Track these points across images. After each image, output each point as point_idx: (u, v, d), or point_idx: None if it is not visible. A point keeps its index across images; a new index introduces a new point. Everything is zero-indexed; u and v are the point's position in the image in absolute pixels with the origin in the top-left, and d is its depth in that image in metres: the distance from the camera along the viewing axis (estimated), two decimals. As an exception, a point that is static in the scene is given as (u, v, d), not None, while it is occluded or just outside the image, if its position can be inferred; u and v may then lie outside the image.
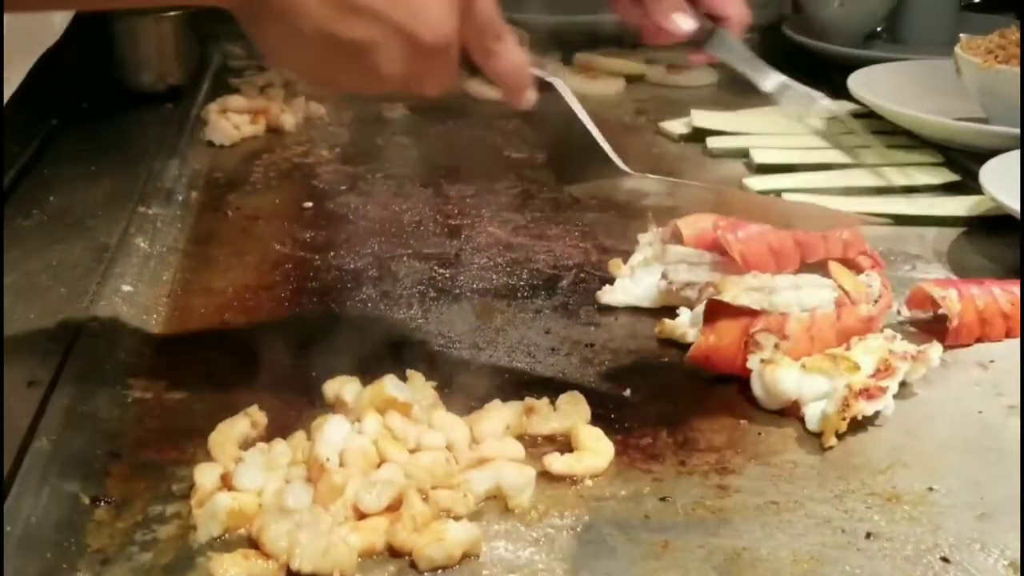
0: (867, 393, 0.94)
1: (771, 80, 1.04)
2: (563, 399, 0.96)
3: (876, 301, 1.05)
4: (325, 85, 0.87)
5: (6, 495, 0.81)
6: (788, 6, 2.36)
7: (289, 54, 0.81)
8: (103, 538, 0.81)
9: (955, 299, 1.08)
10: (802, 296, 1.04)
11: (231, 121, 1.69)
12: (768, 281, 1.05)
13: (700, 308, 1.09)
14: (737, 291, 1.06)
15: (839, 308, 1.03)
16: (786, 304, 1.03)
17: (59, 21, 0.91)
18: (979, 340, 1.08)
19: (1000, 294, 1.09)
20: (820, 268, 1.10)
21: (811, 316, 1.02)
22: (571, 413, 0.95)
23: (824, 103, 1.04)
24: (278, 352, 1.07)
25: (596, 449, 0.90)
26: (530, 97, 0.93)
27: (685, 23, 1.07)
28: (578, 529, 0.82)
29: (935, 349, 0.99)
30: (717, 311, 1.01)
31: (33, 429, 0.90)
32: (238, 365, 1.05)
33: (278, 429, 0.93)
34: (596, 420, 0.95)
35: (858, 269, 1.10)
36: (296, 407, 0.97)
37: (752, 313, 1.01)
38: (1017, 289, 1.10)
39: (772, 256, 1.11)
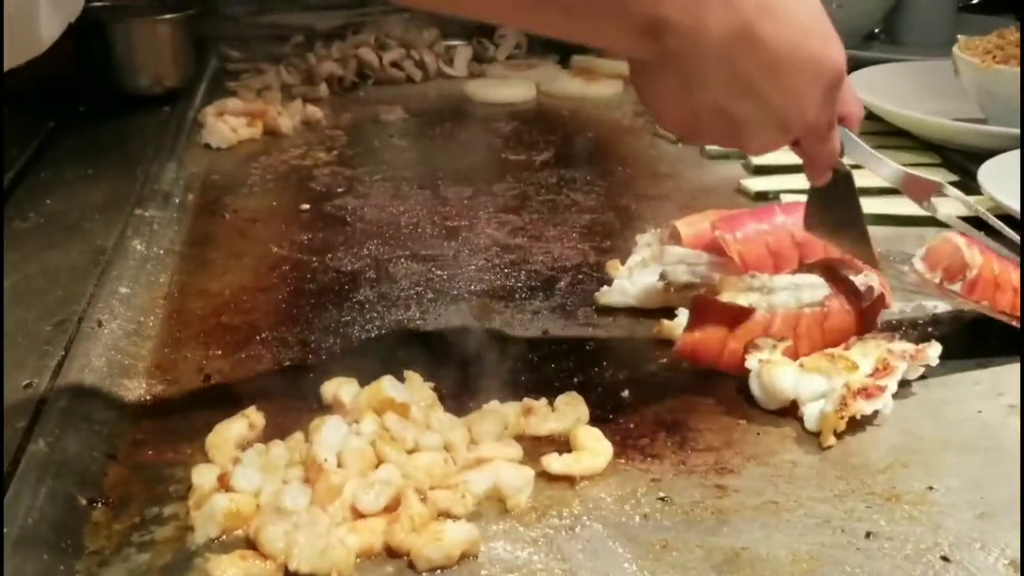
0: (865, 392, 0.94)
1: (889, 169, 1.05)
2: (561, 400, 0.96)
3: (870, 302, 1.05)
4: (688, 137, 0.95)
5: (3, 496, 0.81)
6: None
7: (673, 110, 0.87)
8: (100, 539, 0.81)
9: (977, 252, 1.08)
10: (800, 296, 1.04)
11: (228, 124, 1.69)
12: (767, 281, 1.05)
13: (696, 307, 1.09)
14: (735, 291, 1.06)
15: (827, 307, 1.03)
16: (784, 304, 1.03)
17: (45, 34, 0.90)
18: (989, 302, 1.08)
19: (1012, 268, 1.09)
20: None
21: (798, 315, 1.01)
22: (569, 414, 0.94)
23: (951, 191, 1.06)
24: (276, 354, 1.07)
25: (595, 449, 0.90)
26: (826, 179, 1.00)
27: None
28: (576, 529, 0.82)
29: (934, 348, 0.99)
30: (704, 307, 1.01)
31: (30, 431, 0.90)
32: (235, 367, 1.05)
33: (276, 430, 0.93)
34: (595, 421, 0.94)
35: (856, 269, 1.10)
36: (294, 408, 0.97)
37: (739, 310, 1.01)
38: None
39: (770, 256, 1.11)
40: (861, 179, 1.48)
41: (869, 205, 1.39)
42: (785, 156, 1.54)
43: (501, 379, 1.02)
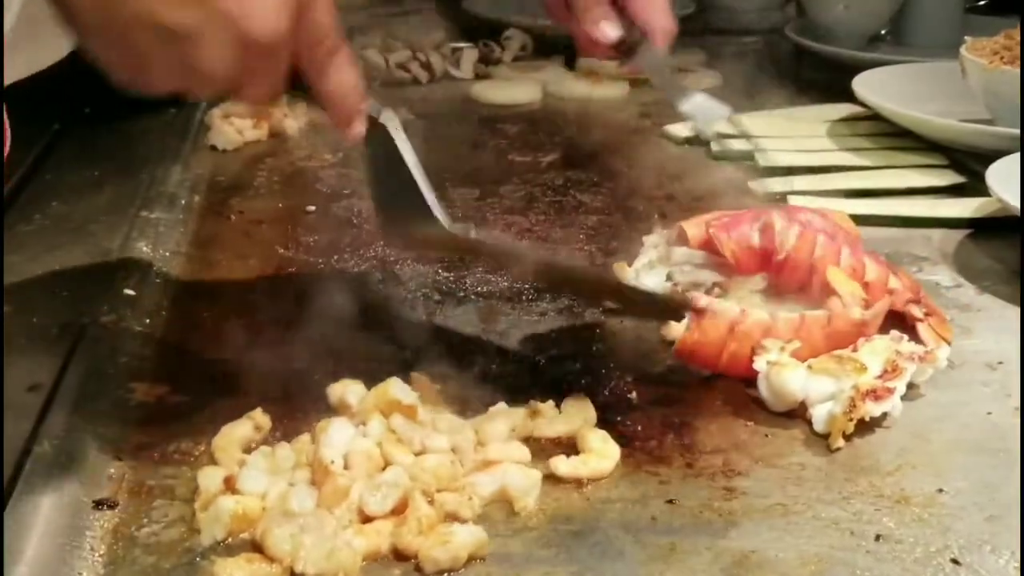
0: (874, 394, 0.93)
1: (687, 100, 1.04)
2: (568, 402, 0.95)
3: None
4: (136, 81, 0.75)
5: (7, 500, 0.81)
6: (792, 9, 2.37)
7: (101, 39, 0.73)
8: (106, 542, 0.80)
9: (793, 235, 1.09)
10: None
11: (234, 126, 1.68)
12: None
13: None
14: (744, 292, 1.06)
15: (831, 312, 1.02)
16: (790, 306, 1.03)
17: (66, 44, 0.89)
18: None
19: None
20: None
21: (801, 319, 1.01)
22: (576, 416, 0.94)
23: (725, 112, 1.04)
24: (282, 355, 1.06)
25: (602, 452, 0.89)
26: (359, 129, 0.87)
27: (612, 30, 1.06)
28: (584, 532, 0.82)
29: (943, 350, 0.99)
30: (703, 309, 1.01)
31: (35, 433, 0.90)
32: (241, 369, 1.04)
33: (282, 433, 0.93)
34: (602, 423, 0.94)
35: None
36: (301, 410, 0.96)
37: (739, 312, 1.00)
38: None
39: (766, 256, 1.11)
40: (867, 181, 1.49)
41: (873, 207, 1.40)
42: (793, 158, 1.57)
43: (508, 381, 1.02)
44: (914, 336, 1.04)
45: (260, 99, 0.79)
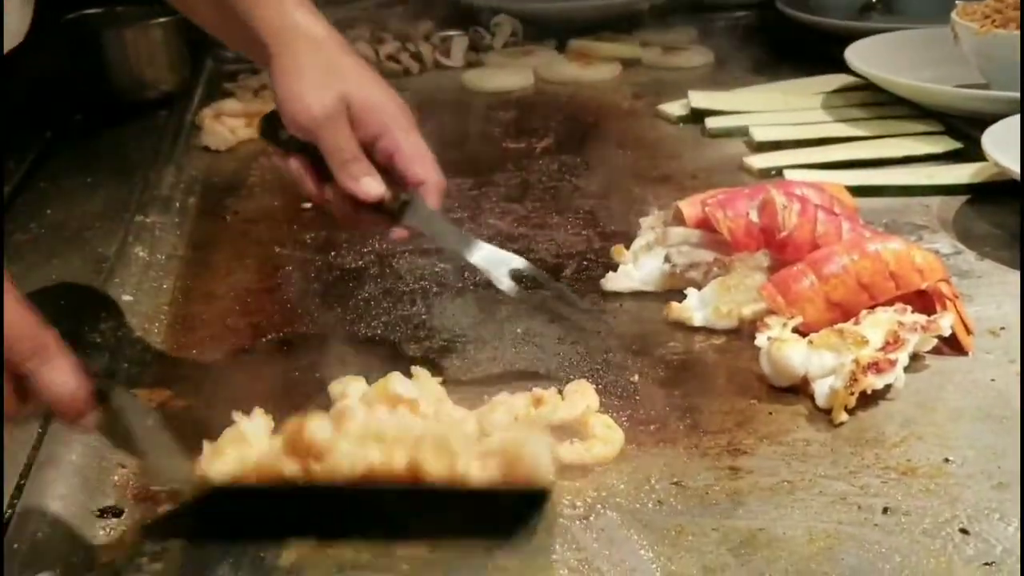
0: (876, 367, 0.93)
1: (476, 251, 0.99)
2: (570, 388, 0.95)
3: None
4: None
5: (13, 508, 0.81)
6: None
7: None
8: (112, 550, 0.80)
9: (795, 213, 1.08)
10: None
11: (226, 125, 1.68)
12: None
13: (707, 289, 1.08)
14: (747, 269, 1.05)
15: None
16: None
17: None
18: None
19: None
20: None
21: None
22: (579, 402, 0.93)
23: (517, 264, 0.99)
24: (283, 354, 1.06)
25: (606, 437, 0.89)
26: (88, 422, 0.79)
27: (375, 187, 0.97)
28: (591, 518, 0.81)
29: (945, 319, 0.98)
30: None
31: (39, 444, 0.90)
32: (242, 370, 1.04)
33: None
34: (605, 408, 0.94)
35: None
36: (303, 409, 0.96)
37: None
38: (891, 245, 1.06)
39: (761, 233, 1.10)
40: (862, 151, 1.49)
41: (869, 177, 1.39)
42: (787, 132, 1.56)
43: (510, 370, 1.02)
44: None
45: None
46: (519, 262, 1.00)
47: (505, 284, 0.99)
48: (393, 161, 0.99)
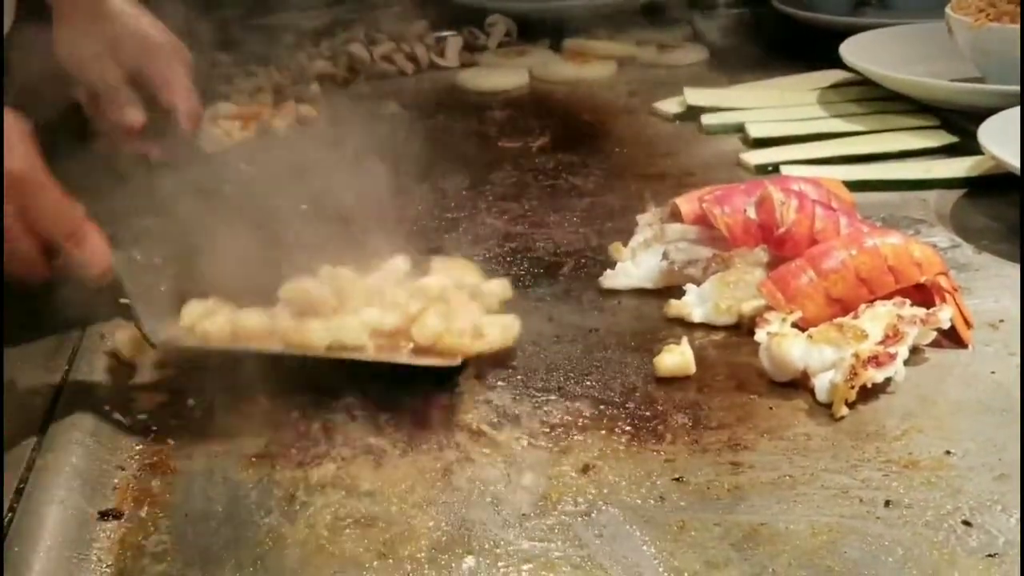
0: (875, 361, 0.93)
1: None
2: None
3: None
4: None
5: (13, 511, 0.81)
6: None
7: None
8: (114, 552, 0.80)
9: (793, 208, 1.08)
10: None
11: (221, 128, 1.67)
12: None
13: (706, 285, 1.08)
14: (746, 264, 1.05)
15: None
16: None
17: None
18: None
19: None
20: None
21: None
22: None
23: None
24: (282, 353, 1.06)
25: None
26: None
27: (137, 115, 1.11)
28: (592, 515, 0.81)
29: (944, 311, 0.98)
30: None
31: (37, 446, 0.90)
32: (243, 371, 1.04)
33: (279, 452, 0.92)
34: (605, 405, 0.94)
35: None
36: (299, 406, 0.96)
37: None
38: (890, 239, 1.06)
39: (758, 228, 1.10)
40: (858, 147, 1.49)
41: (866, 172, 1.39)
42: (783, 127, 1.56)
43: (508, 369, 1.01)
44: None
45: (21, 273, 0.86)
46: None
47: None
48: (154, 89, 1.13)
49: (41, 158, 0.85)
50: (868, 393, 0.93)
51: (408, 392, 0.96)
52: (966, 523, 0.78)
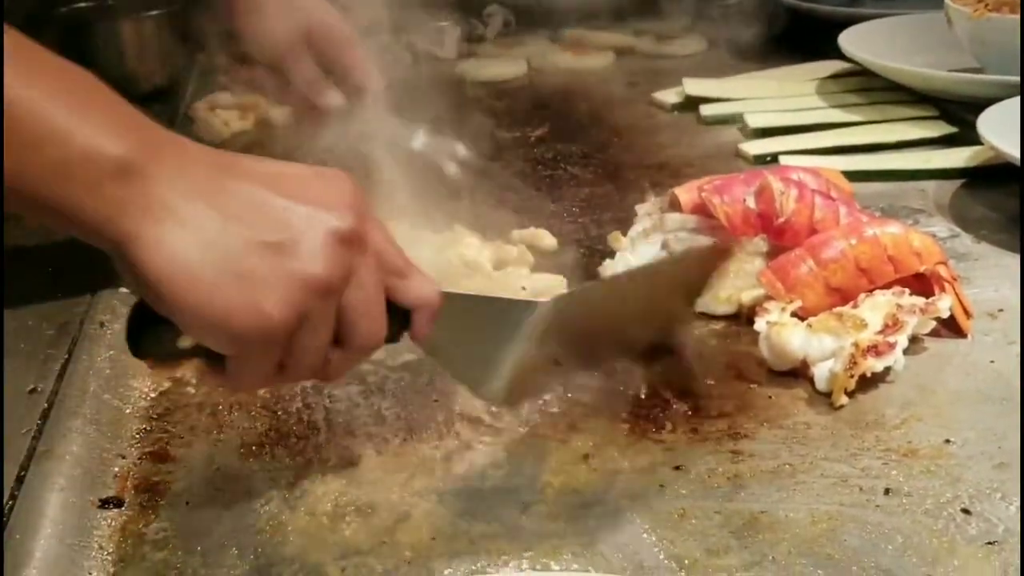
0: (875, 350, 0.93)
1: (418, 138, 1.22)
2: None
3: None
4: (250, 323, 0.64)
5: (14, 499, 0.81)
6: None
7: (205, 275, 0.63)
8: (115, 540, 0.80)
9: (792, 198, 1.08)
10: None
11: (220, 118, 1.67)
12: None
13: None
14: (747, 254, 1.05)
15: None
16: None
17: None
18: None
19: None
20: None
21: None
22: None
23: (461, 151, 1.23)
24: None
25: None
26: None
27: (335, 99, 1.21)
28: (592, 503, 0.81)
29: (944, 301, 0.98)
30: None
31: (38, 435, 0.90)
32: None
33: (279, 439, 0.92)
34: (604, 393, 0.94)
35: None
36: (300, 394, 0.96)
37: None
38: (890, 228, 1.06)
39: (758, 218, 1.10)
40: (857, 137, 1.49)
41: (864, 163, 1.39)
42: (782, 118, 1.56)
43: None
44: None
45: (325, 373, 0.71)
46: (462, 149, 1.19)
47: (450, 169, 1.19)
48: (344, 73, 1.22)
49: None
50: (868, 382, 0.93)
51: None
52: (965, 511, 0.78)
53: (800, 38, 1.92)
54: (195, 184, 0.64)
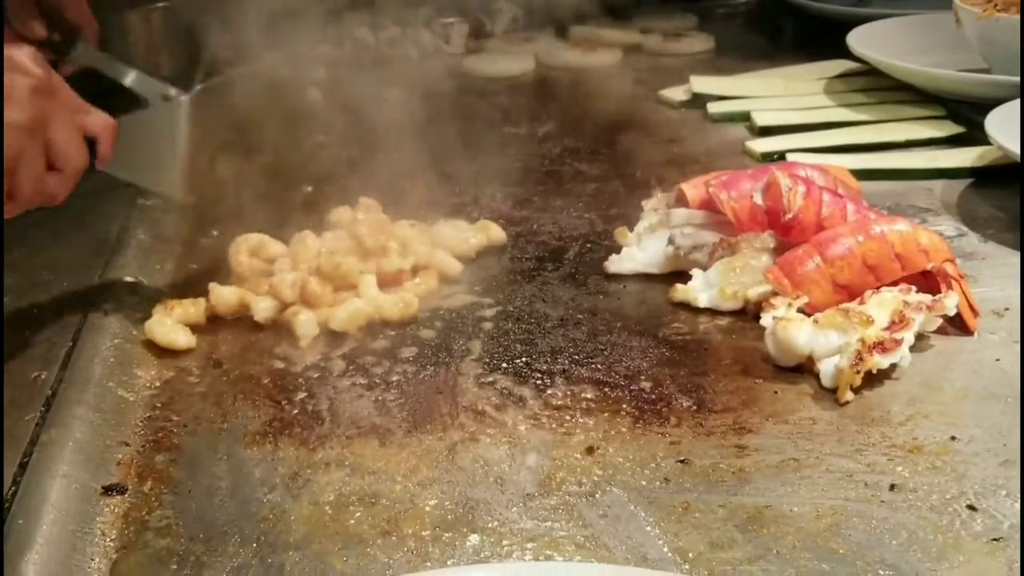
0: (881, 347, 0.93)
1: (129, 76, 1.28)
2: None
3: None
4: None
5: (17, 486, 0.81)
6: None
7: None
8: (117, 527, 0.80)
9: (800, 195, 1.08)
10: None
11: (227, 110, 1.67)
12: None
13: (712, 270, 1.08)
14: (753, 250, 1.05)
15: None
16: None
17: None
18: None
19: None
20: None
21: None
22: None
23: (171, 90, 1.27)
24: (284, 339, 1.06)
25: None
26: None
27: (36, 28, 1.23)
28: (597, 495, 0.81)
29: (951, 298, 0.98)
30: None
31: (42, 422, 0.90)
32: (245, 351, 1.04)
33: (283, 429, 0.92)
34: (609, 387, 0.94)
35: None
36: (304, 384, 0.96)
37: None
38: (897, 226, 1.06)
39: (765, 214, 1.10)
40: (864, 136, 1.48)
41: (871, 161, 1.39)
42: (789, 116, 1.55)
43: (513, 351, 1.01)
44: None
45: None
46: (171, 89, 1.26)
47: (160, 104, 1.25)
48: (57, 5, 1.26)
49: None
50: (873, 379, 0.92)
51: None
52: (971, 508, 0.78)
53: (808, 37, 1.93)
54: None
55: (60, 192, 0.97)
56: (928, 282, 1.03)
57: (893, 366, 0.93)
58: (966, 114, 1.49)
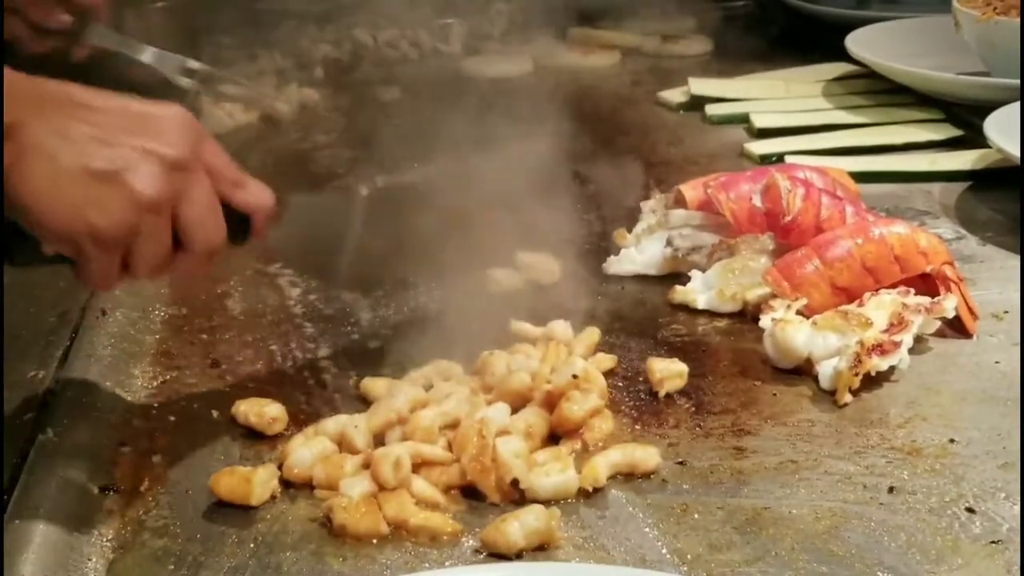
0: (880, 349, 0.93)
1: (146, 53, 1.30)
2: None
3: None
4: (84, 232, 0.77)
5: (14, 487, 0.81)
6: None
7: (53, 195, 0.76)
8: (114, 526, 0.80)
9: (799, 197, 1.08)
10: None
11: (224, 110, 1.67)
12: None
13: (711, 272, 1.08)
14: (752, 252, 1.05)
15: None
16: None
17: None
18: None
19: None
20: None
21: None
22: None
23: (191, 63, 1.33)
24: (283, 338, 1.06)
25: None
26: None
27: (63, 18, 1.26)
28: (594, 497, 0.81)
29: (950, 300, 0.98)
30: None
31: (38, 421, 0.89)
32: (243, 351, 1.04)
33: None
34: (608, 389, 0.93)
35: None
36: (304, 390, 0.96)
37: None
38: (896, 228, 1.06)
39: (764, 216, 1.10)
40: (863, 138, 1.48)
41: (870, 164, 1.39)
42: (787, 118, 1.55)
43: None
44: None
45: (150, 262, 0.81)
46: (192, 61, 1.29)
47: (181, 81, 1.29)
48: None
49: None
50: (872, 381, 0.93)
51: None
52: (970, 510, 0.78)
53: (807, 39, 1.92)
54: (55, 126, 0.77)
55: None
56: (927, 285, 1.03)
57: (892, 368, 0.93)
58: (965, 117, 1.50)
